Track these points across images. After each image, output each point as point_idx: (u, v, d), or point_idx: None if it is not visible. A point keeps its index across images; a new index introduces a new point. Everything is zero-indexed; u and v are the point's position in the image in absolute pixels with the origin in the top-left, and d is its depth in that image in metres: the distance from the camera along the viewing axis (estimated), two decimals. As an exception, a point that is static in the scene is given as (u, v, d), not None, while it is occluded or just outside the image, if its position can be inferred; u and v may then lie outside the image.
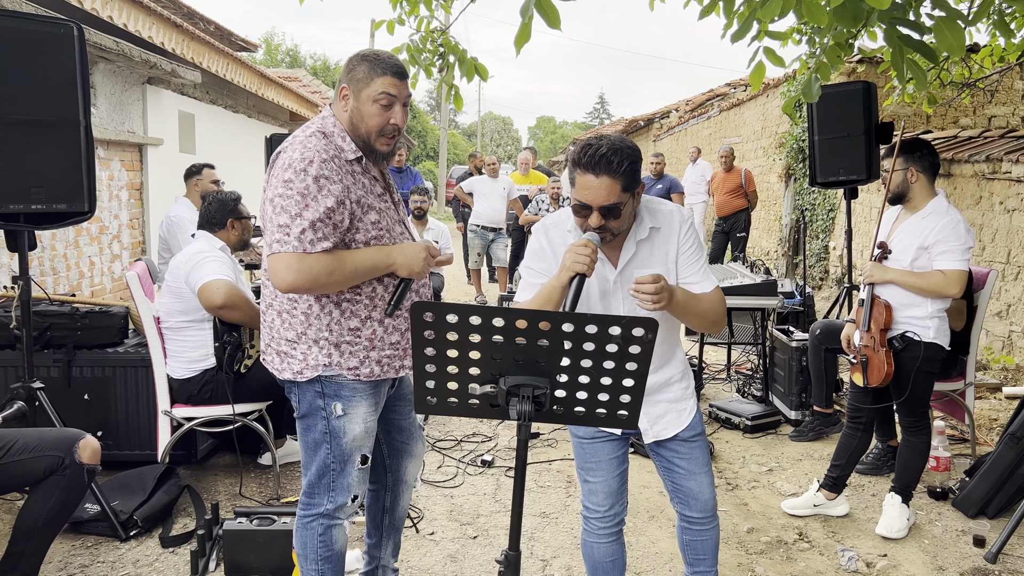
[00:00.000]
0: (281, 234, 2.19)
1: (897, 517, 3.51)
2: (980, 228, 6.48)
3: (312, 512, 2.42)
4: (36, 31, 3.16)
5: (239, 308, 3.55)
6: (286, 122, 12.99)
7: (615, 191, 2.16)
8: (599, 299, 2.36)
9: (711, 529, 2.50)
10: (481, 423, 5.00)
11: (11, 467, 2.63)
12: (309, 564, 2.43)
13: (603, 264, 2.33)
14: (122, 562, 3.21)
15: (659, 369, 2.43)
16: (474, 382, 1.82)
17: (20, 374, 3.46)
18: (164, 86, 7.95)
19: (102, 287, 6.85)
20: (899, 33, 2.92)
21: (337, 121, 2.35)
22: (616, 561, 2.52)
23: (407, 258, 2.34)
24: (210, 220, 3.84)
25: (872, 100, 5.15)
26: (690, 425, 2.46)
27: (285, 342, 2.33)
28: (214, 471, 4.17)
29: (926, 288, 3.40)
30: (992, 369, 6.13)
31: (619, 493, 2.47)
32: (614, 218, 2.20)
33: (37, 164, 3.20)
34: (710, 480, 2.47)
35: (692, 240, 2.36)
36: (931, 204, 3.48)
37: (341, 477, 2.40)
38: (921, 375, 3.44)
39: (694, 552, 2.53)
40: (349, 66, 2.35)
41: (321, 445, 2.37)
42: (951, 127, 8.42)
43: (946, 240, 3.37)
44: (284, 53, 40.19)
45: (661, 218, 2.35)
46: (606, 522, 2.46)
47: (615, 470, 2.46)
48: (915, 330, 3.45)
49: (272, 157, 2.31)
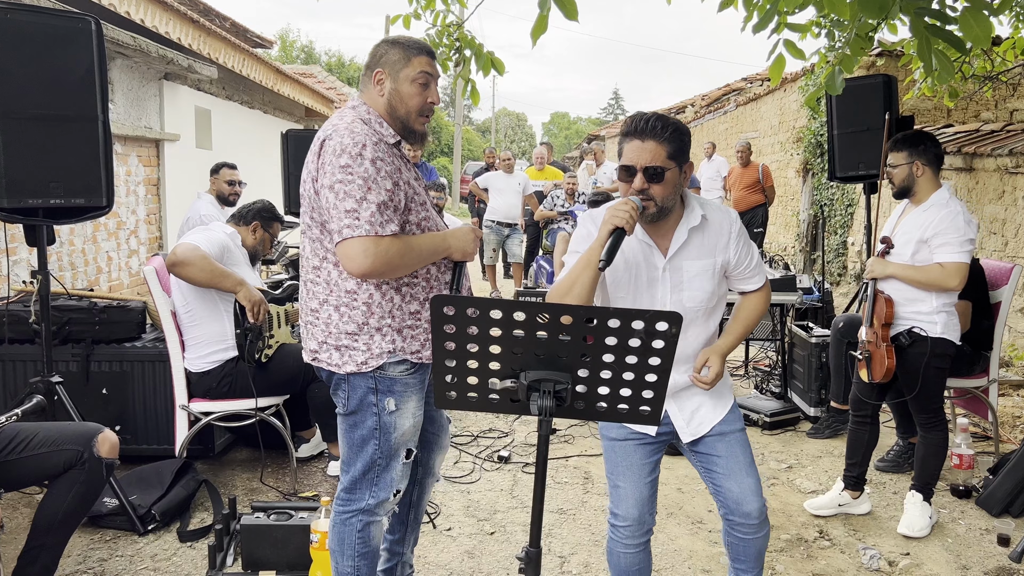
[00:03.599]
0: (350, 219, 2.15)
1: (919, 516, 3.46)
2: (1003, 223, 6.39)
3: (352, 508, 2.40)
4: (54, 25, 3.17)
5: (193, 264, 3.52)
6: (302, 118, 13.01)
7: (659, 155, 2.20)
8: (647, 287, 2.34)
9: (757, 538, 2.37)
10: (497, 419, 4.98)
11: (30, 461, 2.64)
12: (345, 560, 2.41)
13: (652, 251, 2.32)
14: (140, 556, 3.22)
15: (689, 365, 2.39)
16: (494, 377, 1.80)
17: (39, 368, 3.48)
18: (181, 82, 7.98)
19: (119, 282, 6.88)
20: (925, 23, 2.87)
21: (370, 108, 2.35)
22: (643, 570, 2.45)
23: (461, 241, 2.39)
24: (241, 214, 3.97)
25: (892, 94, 5.08)
26: (726, 418, 2.40)
27: (345, 336, 2.29)
28: (231, 466, 4.18)
29: (924, 281, 3.36)
30: (1015, 366, 6.04)
31: (649, 502, 2.39)
32: (657, 183, 2.21)
33: (55, 159, 3.21)
34: (754, 483, 2.34)
35: (744, 237, 2.39)
36: (933, 197, 3.43)
37: (386, 472, 2.39)
38: (931, 371, 3.39)
39: (735, 553, 2.45)
40: (379, 52, 2.37)
41: (369, 441, 2.36)
42: (972, 121, 8.31)
43: (944, 232, 3.31)
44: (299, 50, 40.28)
45: (712, 210, 2.37)
46: (633, 531, 2.38)
47: (646, 476, 2.39)
48: (921, 326, 3.40)
49: (315, 148, 2.26)
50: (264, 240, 3.99)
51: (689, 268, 2.33)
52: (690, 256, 2.32)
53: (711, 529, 3.54)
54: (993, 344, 4.13)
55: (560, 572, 3.16)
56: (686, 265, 2.32)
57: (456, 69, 4.54)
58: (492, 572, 3.14)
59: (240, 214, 3.97)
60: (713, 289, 2.35)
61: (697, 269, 2.33)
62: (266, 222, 3.97)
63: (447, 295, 1.72)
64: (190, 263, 3.51)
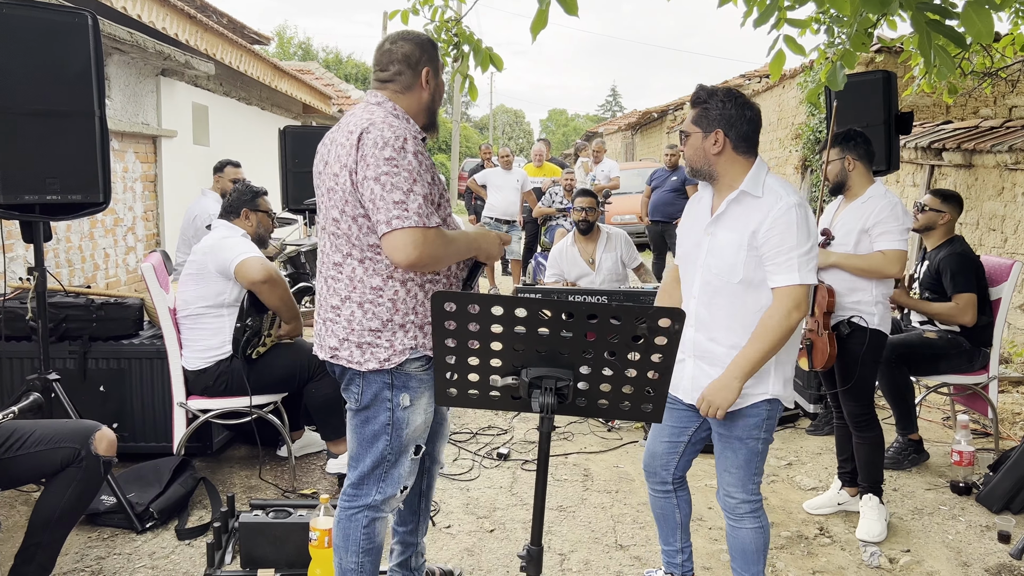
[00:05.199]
0: (399, 210, 2.16)
1: (876, 520, 3.44)
2: (1002, 219, 6.38)
3: (358, 504, 2.40)
4: (51, 20, 3.14)
5: (280, 286, 3.56)
6: (299, 114, 12.97)
7: (688, 119, 2.54)
8: (695, 244, 2.58)
9: (738, 529, 2.60)
10: (496, 416, 4.97)
11: (28, 459, 2.62)
12: (350, 556, 2.42)
13: (706, 213, 2.57)
14: (138, 554, 3.20)
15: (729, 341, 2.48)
16: (495, 374, 1.78)
17: (36, 366, 3.46)
18: (178, 78, 7.95)
19: (116, 279, 6.86)
20: (927, 18, 2.86)
21: (396, 105, 2.37)
22: (665, 516, 2.79)
23: (489, 244, 2.49)
24: (228, 208, 3.88)
25: (892, 90, 5.06)
26: (736, 420, 2.51)
27: (368, 332, 2.29)
28: (229, 463, 4.16)
29: (867, 268, 3.39)
30: (1015, 363, 6.04)
31: (661, 458, 2.71)
32: (684, 144, 2.55)
33: (52, 155, 3.18)
34: (734, 480, 2.56)
35: (781, 228, 2.36)
36: (870, 190, 3.49)
37: (394, 468, 2.39)
38: (867, 362, 3.42)
39: (728, 543, 2.67)
40: (418, 52, 2.38)
41: (380, 436, 2.36)
42: (971, 117, 8.31)
43: (885, 221, 3.37)
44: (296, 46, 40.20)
45: (769, 191, 2.44)
46: (650, 479, 2.77)
47: (665, 437, 2.69)
48: (861, 316, 3.43)
49: (349, 140, 2.24)
50: (261, 220, 3.89)
51: (720, 237, 2.48)
52: (725, 226, 2.48)
53: (711, 527, 3.53)
54: (993, 341, 4.13)
55: (560, 570, 3.15)
56: (719, 233, 2.49)
57: (454, 65, 4.52)
58: (492, 570, 3.13)
59: (228, 210, 3.86)
60: (734, 265, 2.42)
61: (726, 240, 2.46)
62: (251, 203, 3.86)
63: (448, 291, 1.71)
64: (277, 283, 3.55)
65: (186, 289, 3.69)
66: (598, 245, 5.51)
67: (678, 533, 2.81)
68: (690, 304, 2.55)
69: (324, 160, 2.36)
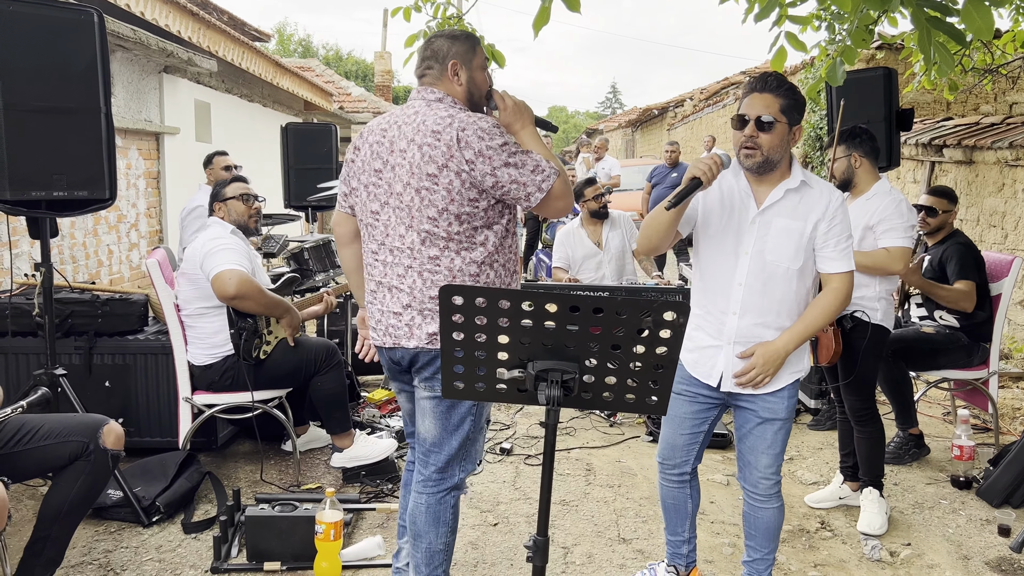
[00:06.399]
0: (539, 174, 2.32)
1: (877, 513, 3.47)
2: (1003, 216, 6.40)
3: (446, 486, 2.48)
4: (56, 17, 3.16)
5: (251, 298, 3.53)
6: (301, 111, 12.98)
7: (773, 107, 2.42)
8: (735, 232, 2.51)
9: (765, 509, 2.64)
10: (499, 411, 4.99)
11: (36, 452, 2.65)
12: (440, 538, 2.49)
13: (749, 201, 2.51)
14: (145, 547, 3.23)
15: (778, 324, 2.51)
16: (502, 367, 1.81)
17: (42, 361, 3.48)
18: (180, 75, 7.96)
19: (120, 276, 6.88)
20: (927, 15, 2.88)
21: (455, 98, 2.44)
22: (678, 506, 2.82)
23: None
24: (211, 205, 3.89)
25: (893, 86, 5.07)
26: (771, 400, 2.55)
27: (429, 299, 2.39)
28: (235, 458, 4.19)
29: (871, 265, 3.42)
30: (1015, 358, 6.06)
31: (682, 449, 2.73)
32: (765, 132, 2.42)
33: (58, 151, 3.20)
34: (769, 460, 2.60)
35: (841, 219, 2.47)
36: (875, 187, 3.52)
37: (474, 445, 2.50)
38: (868, 356, 3.44)
39: (747, 526, 2.70)
40: (444, 46, 2.43)
41: (466, 419, 2.45)
42: (972, 114, 8.32)
43: (890, 219, 3.40)
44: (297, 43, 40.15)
45: (817, 183, 2.50)
46: (667, 470, 2.78)
47: (685, 428, 2.70)
48: (865, 311, 3.46)
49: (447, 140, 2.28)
50: (232, 207, 3.83)
51: (778, 224, 2.48)
52: (782, 214, 2.48)
53: (713, 520, 3.55)
54: (992, 336, 4.15)
55: (564, 563, 3.17)
56: (776, 221, 2.47)
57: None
58: (495, 562, 3.16)
59: (211, 205, 3.87)
60: (796, 252, 2.46)
61: (785, 227, 2.47)
62: (218, 197, 3.84)
63: (455, 285, 1.74)
64: (248, 296, 3.52)
65: (183, 288, 3.71)
66: (604, 226, 5.55)
67: (687, 523, 2.86)
68: (733, 291, 2.53)
69: (386, 161, 2.38)
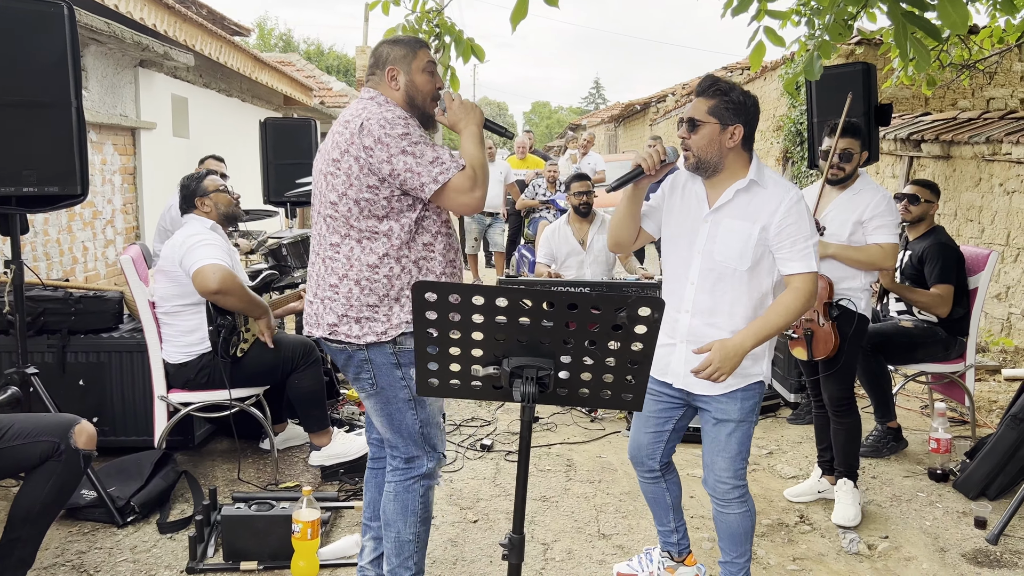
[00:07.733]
0: (438, 166, 2.33)
1: (851, 504, 3.49)
2: (980, 210, 6.46)
3: (413, 475, 2.51)
4: (25, 9, 3.10)
5: (233, 294, 3.51)
6: (280, 106, 12.87)
7: (700, 109, 2.48)
8: (689, 231, 2.57)
9: (727, 514, 2.63)
10: (479, 407, 4.98)
11: (6, 453, 2.60)
12: (408, 528, 2.50)
13: (702, 203, 2.56)
14: (120, 548, 3.19)
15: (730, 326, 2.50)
16: (477, 363, 1.79)
17: (14, 360, 3.43)
18: (157, 69, 7.86)
19: (96, 272, 6.79)
20: (902, 10, 2.89)
21: (388, 99, 2.47)
22: (657, 500, 2.86)
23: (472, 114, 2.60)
24: (184, 207, 3.81)
25: (872, 82, 5.08)
26: (725, 401, 2.53)
27: (366, 308, 2.40)
28: (211, 457, 4.15)
29: (865, 261, 3.44)
30: (991, 351, 6.12)
31: (647, 447, 2.75)
32: (694, 133, 2.48)
33: (28, 146, 3.14)
34: (724, 464, 2.58)
35: (795, 220, 2.45)
36: (859, 182, 3.53)
37: (431, 430, 2.52)
38: (853, 345, 3.47)
39: (716, 527, 2.70)
40: (384, 52, 2.50)
41: (406, 412, 2.47)
42: (950, 109, 8.38)
43: (881, 215, 3.41)
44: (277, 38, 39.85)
45: (773, 183, 2.50)
46: (638, 466, 2.81)
47: (649, 427, 2.73)
48: (851, 300, 3.48)
49: (349, 129, 2.35)
50: (217, 200, 3.78)
51: (726, 225, 2.50)
52: (731, 215, 2.50)
53: (692, 515, 3.56)
54: (969, 330, 4.18)
55: (544, 559, 3.16)
56: (725, 222, 2.50)
57: (436, 56, 4.50)
58: (475, 560, 3.15)
59: (184, 208, 3.80)
60: (743, 253, 2.47)
61: (733, 228, 2.48)
62: (199, 191, 3.76)
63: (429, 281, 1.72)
64: (230, 292, 3.50)
65: (160, 285, 3.66)
66: (592, 227, 5.57)
67: (671, 514, 2.88)
68: (686, 290, 2.56)
69: (322, 150, 2.46)
